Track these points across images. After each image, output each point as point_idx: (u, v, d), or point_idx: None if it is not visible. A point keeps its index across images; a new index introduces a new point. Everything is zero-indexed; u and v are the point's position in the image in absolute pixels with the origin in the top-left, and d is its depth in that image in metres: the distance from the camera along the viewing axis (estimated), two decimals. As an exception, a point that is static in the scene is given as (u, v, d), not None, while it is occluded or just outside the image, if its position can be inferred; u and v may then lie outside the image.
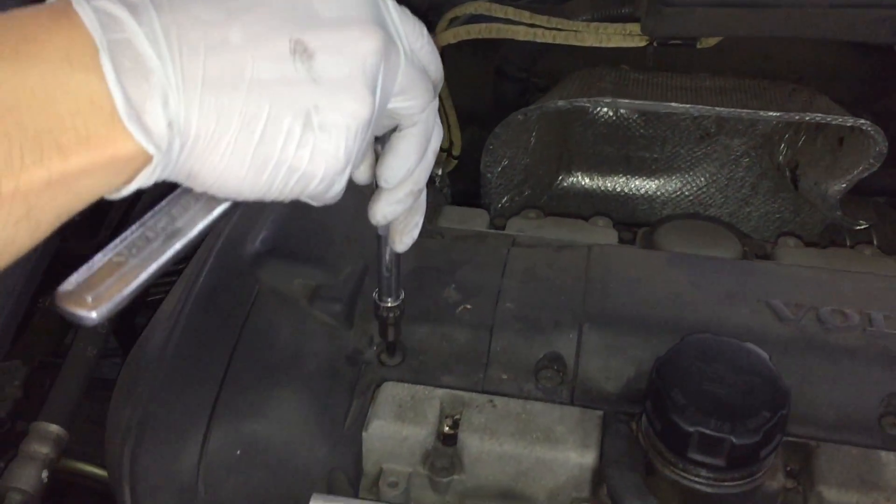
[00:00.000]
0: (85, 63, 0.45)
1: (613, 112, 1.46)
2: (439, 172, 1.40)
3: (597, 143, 1.50)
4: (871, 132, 1.15)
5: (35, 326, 1.12)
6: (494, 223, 1.19)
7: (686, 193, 1.52)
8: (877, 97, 1.41)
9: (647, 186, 1.53)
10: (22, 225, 0.45)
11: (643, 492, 0.79)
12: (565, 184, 1.55)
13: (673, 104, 1.19)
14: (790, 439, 0.82)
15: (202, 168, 0.51)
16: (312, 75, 0.52)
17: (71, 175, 0.46)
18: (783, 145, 1.40)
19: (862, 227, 1.28)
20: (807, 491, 0.81)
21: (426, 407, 0.86)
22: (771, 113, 1.17)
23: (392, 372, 0.92)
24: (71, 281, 0.52)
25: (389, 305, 0.86)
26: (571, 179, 1.55)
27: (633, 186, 1.54)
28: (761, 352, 0.80)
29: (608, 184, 1.55)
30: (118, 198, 0.51)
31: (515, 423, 0.85)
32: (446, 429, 0.86)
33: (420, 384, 0.89)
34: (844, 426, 0.86)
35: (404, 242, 0.73)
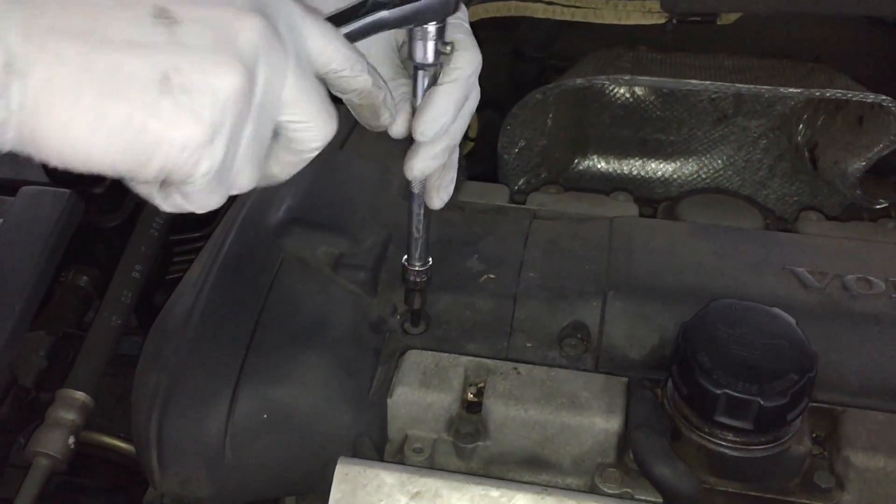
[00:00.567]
0: None
1: (630, 94, 1.46)
2: (456, 155, 1.40)
3: (613, 126, 1.50)
4: (893, 109, 1.15)
5: (58, 301, 1.12)
6: (514, 199, 1.19)
7: (703, 176, 1.52)
8: (896, 76, 1.40)
9: (664, 169, 1.53)
10: None
11: (670, 456, 0.79)
12: (581, 167, 1.54)
13: (692, 81, 1.19)
14: (816, 405, 0.82)
15: (47, 128, 0.47)
16: (174, 39, 0.48)
17: None
18: (801, 125, 1.40)
19: (882, 206, 1.28)
20: (833, 456, 0.81)
21: (450, 374, 0.86)
22: (791, 89, 1.17)
23: (416, 340, 0.92)
24: None
25: (418, 269, 0.86)
26: (587, 162, 1.55)
27: (650, 169, 1.54)
28: (788, 316, 0.80)
29: (624, 167, 1.55)
30: None
31: (540, 390, 0.85)
32: (470, 396, 0.87)
33: (444, 352, 0.89)
34: (870, 392, 0.85)
35: (441, 198, 0.73)
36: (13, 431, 0.97)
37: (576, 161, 1.54)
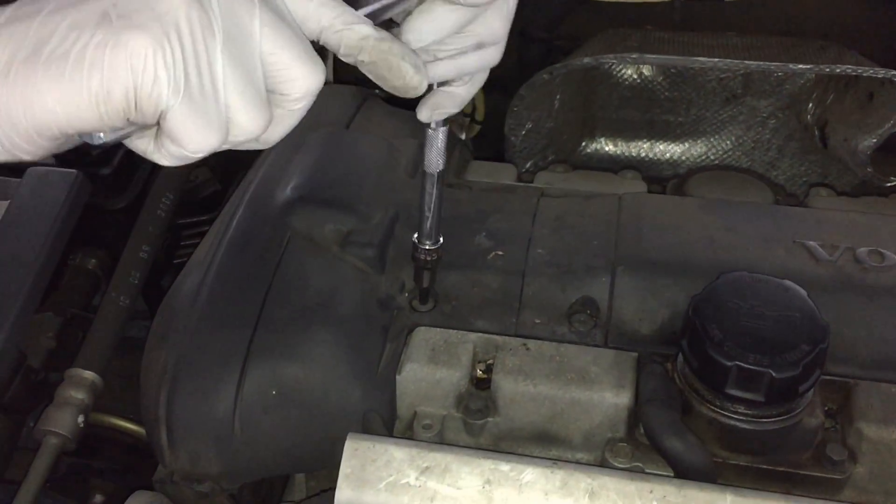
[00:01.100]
0: None
1: (637, 75, 1.45)
2: (462, 137, 1.40)
3: (620, 107, 1.49)
4: (903, 84, 1.14)
5: (67, 283, 1.12)
6: (522, 178, 1.18)
7: (712, 157, 1.51)
8: (905, 54, 1.39)
9: (672, 151, 1.52)
10: None
11: (680, 429, 0.79)
12: (589, 149, 1.54)
13: (701, 59, 1.18)
14: (828, 378, 0.81)
15: (10, 97, 0.48)
16: None
17: None
18: (811, 104, 1.39)
19: (893, 184, 1.27)
20: (845, 428, 0.80)
21: (459, 350, 0.86)
22: (802, 66, 1.16)
23: (424, 318, 0.92)
24: None
25: (428, 248, 0.86)
26: (595, 144, 1.54)
27: (658, 151, 1.53)
28: (799, 288, 0.80)
29: (632, 149, 1.54)
30: None
31: (549, 365, 0.84)
32: (479, 373, 0.86)
33: (452, 329, 0.89)
34: (882, 364, 0.85)
35: (469, 91, 0.74)
36: (22, 412, 0.97)
37: (583, 143, 1.53)
